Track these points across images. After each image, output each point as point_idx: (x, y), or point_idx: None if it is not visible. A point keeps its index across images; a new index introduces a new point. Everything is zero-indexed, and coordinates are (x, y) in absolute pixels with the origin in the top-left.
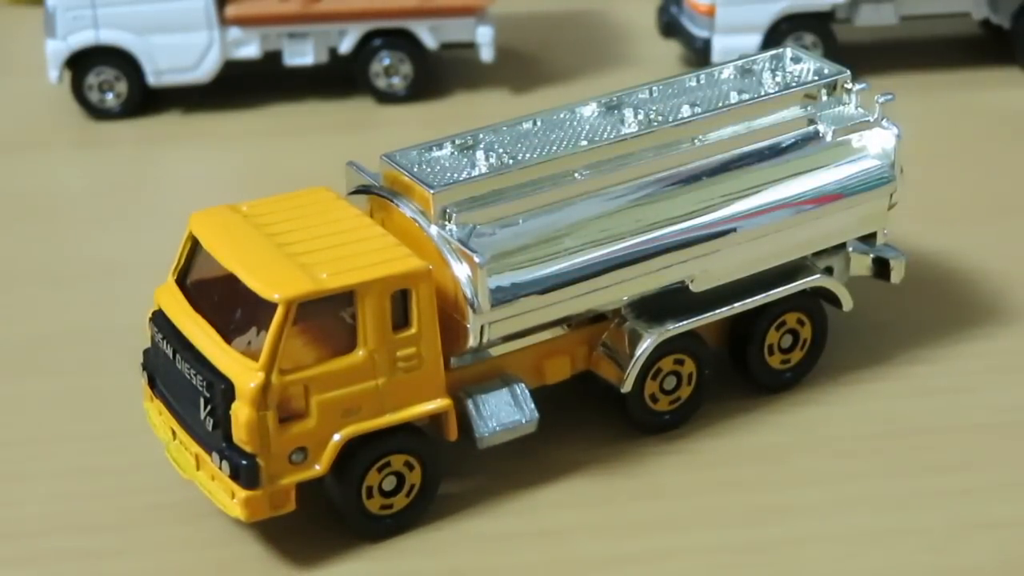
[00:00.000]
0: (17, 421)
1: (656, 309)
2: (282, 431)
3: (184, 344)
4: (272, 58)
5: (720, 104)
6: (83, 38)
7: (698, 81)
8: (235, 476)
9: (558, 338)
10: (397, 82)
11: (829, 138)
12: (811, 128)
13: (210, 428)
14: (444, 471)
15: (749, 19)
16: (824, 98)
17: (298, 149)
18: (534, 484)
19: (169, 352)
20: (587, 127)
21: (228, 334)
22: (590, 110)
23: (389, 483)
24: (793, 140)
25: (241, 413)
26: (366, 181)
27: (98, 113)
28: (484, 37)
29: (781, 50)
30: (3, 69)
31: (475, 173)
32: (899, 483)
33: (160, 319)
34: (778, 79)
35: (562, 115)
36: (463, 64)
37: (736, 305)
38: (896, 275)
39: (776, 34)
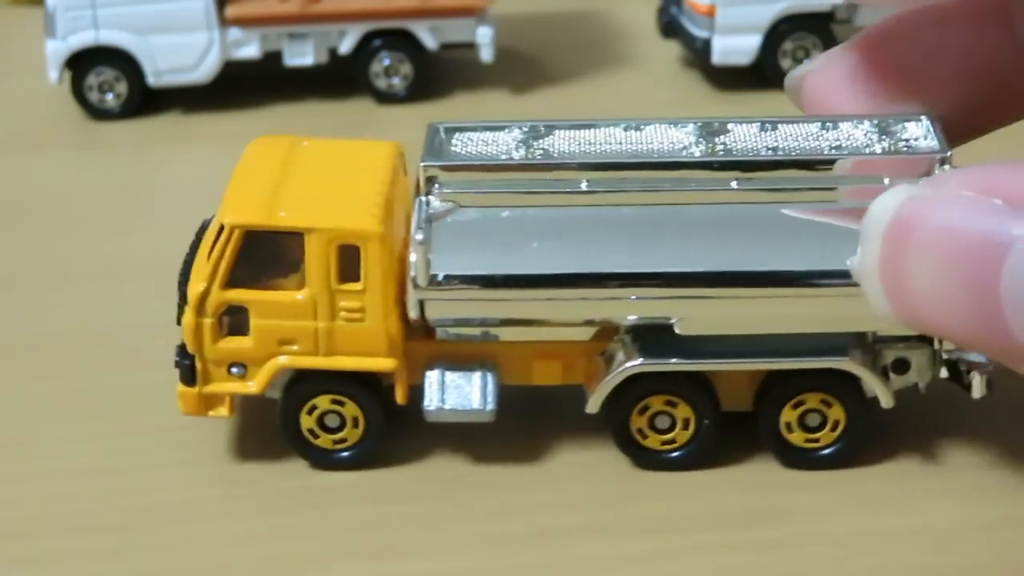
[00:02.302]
0: (17, 421)
1: (654, 344)
2: (223, 342)
3: (192, 255)
4: (272, 58)
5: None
6: (83, 38)
7: (822, 127)
8: (178, 371)
9: (552, 343)
10: (397, 82)
11: None
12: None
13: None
14: (382, 430)
15: (749, 20)
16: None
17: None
18: (534, 485)
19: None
20: (658, 143)
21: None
22: (679, 128)
23: (332, 420)
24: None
25: (185, 316)
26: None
27: (98, 113)
28: (484, 37)
29: (918, 120)
30: (3, 69)
31: (502, 158)
32: (899, 483)
33: (201, 230)
34: (884, 144)
35: (648, 126)
36: (463, 64)
37: (725, 363)
38: (977, 389)
39: (776, 34)
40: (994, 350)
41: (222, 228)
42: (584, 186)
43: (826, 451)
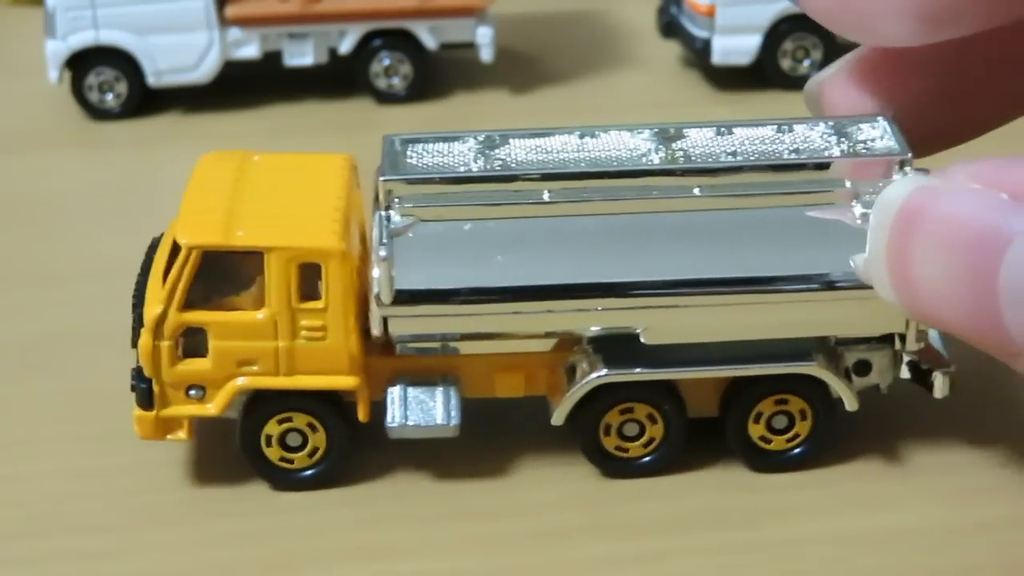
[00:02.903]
0: (17, 421)
1: (617, 353)
2: (181, 364)
3: (144, 275)
4: (272, 58)
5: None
6: (83, 38)
7: (778, 130)
8: (135, 395)
9: (514, 355)
10: (397, 82)
11: (859, 222)
12: (845, 205)
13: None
14: (349, 448)
15: (749, 20)
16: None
17: (298, 149)
18: (534, 485)
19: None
20: (615, 150)
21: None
22: (636, 135)
23: (293, 439)
24: (814, 214)
25: (142, 339)
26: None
27: (98, 113)
28: (484, 37)
29: (874, 121)
30: (3, 69)
31: (461, 171)
32: (899, 484)
33: (151, 248)
34: (842, 147)
35: (605, 134)
36: (463, 64)
37: (689, 371)
38: (939, 389)
39: (776, 34)
40: (989, 344)
41: (176, 248)
42: (546, 197)
43: (793, 453)
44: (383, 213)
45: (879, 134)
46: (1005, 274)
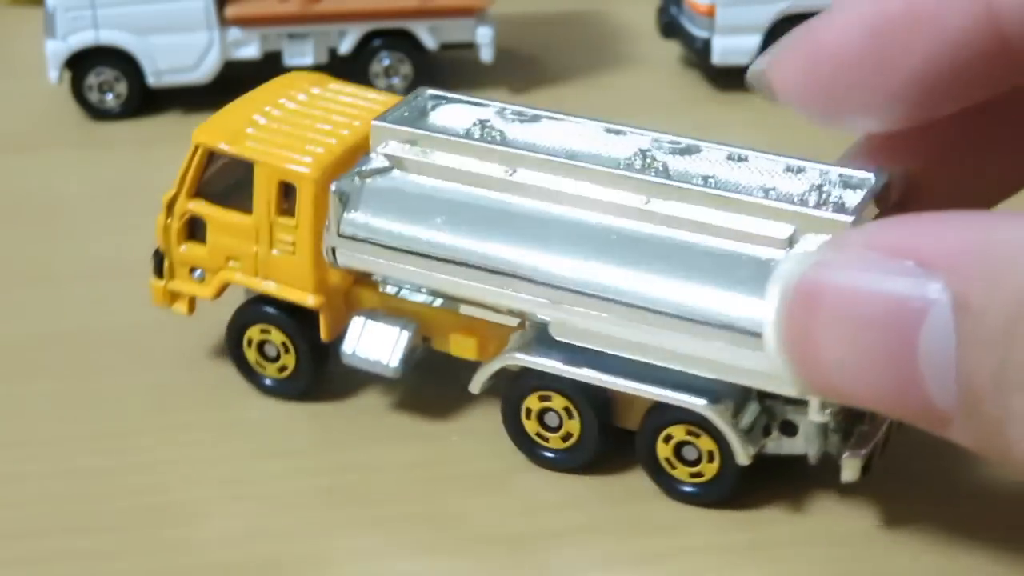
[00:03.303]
0: (17, 421)
1: (547, 342)
2: (187, 245)
3: None
4: (272, 58)
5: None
6: (83, 38)
7: (787, 168)
8: (152, 266)
9: (471, 319)
10: (397, 82)
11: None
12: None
13: None
14: (313, 371)
15: (749, 20)
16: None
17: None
18: (534, 485)
19: None
20: (599, 146)
21: None
22: (625, 138)
23: (270, 349)
24: (746, 253)
25: (158, 217)
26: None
27: (98, 113)
28: (484, 37)
29: (868, 175)
30: (3, 69)
31: (457, 133)
32: (900, 484)
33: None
34: (807, 197)
35: (625, 133)
36: (463, 64)
37: (591, 374)
38: (848, 472)
39: (776, 34)
40: (914, 417)
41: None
42: (511, 176)
43: (687, 489)
44: (369, 154)
45: (853, 193)
46: (925, 347)
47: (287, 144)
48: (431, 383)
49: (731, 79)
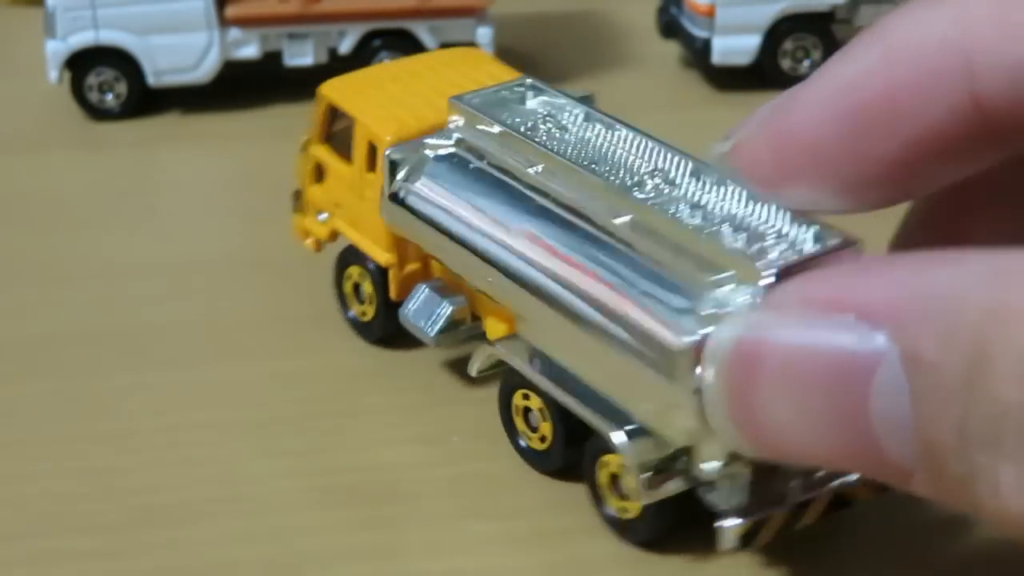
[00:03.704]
0: (17, 421)
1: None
2: (313, 186)
3: None
4: (272, 58)
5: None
6: (83, 38)
7: (778, 210)
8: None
9: (500, 304)
10: None
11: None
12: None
13: None
14: (386, 323)
15: (749, 20)
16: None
17: (298, 149)
18: (535, 485)
19: None
20: (625, 160)
21: None
22: (670, 159)
23: (361, 292)
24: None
25: (298, 157)
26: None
27: (98, 114)
28: (484, 37)
29: (820, 232)
30: (3, 69)
31: (515, 124)
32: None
33: None
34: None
35: (636, 142)
36: None
37: (537, 378)
38: (725, 539)
39: (776, 34)
40: (874, 473)
41: None
42: (533, 171)
43: (613, 515)
44: (444, 130)
45: (801, 247)
46: (877, 403)
47: (388, 107)
48: (432, 383)
49: (731, 79)
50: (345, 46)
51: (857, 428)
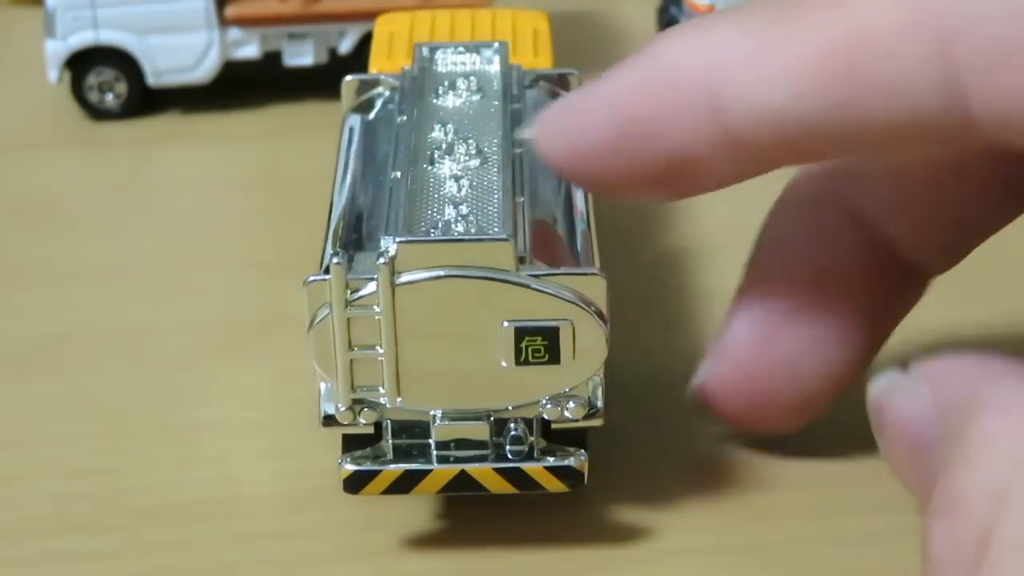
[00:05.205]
0: (17, 421)
1: None
2: None
3: None
4: (272, 58)
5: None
6: (83, 38)
7: None
8: None
9: None
10: None
11: None
12: None
13: None
14: None
15: None
16: None
17: (298, 149)
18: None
19: None
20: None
21: None
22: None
23: None
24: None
25: None
26: None
27: (98, 113)
28: None
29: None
30: (3, 69)
31: (414, 72)
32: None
33: None
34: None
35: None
36: None
37: None
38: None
39: None
40: None
41: None
42: (400, 120)
43: None
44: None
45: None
46: None
47: (402, 53)
48: None
49: None
50: (345, 46)
51: None
